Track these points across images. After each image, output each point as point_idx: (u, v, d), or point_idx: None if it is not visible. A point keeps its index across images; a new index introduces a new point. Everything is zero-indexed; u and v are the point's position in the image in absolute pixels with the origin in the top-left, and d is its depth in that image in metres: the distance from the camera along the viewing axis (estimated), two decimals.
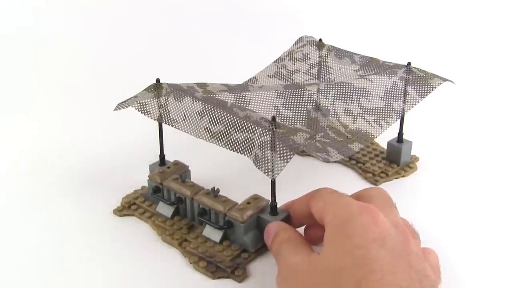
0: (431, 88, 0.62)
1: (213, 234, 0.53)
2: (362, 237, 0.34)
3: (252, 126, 0.49)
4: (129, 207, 0.59)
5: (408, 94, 0.62)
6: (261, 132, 0.48)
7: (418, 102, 0.62)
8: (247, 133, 0.50)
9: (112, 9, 1.11)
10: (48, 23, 1.05)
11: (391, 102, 0.62)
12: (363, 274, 0.32)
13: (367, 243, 0.33)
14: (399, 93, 0.62)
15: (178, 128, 0.55)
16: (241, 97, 0.60)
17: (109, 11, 1.11)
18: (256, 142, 0.49)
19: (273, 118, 0.47)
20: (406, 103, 0.62)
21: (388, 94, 0.62)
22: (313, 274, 0.35)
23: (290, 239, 0.41)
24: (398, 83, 0.62)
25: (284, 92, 0.62)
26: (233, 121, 0.51)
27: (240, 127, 0.50)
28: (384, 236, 0.34)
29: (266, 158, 0.46)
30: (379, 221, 0.35)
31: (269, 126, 0.47)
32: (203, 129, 0.53)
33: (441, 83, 0.62)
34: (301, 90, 0.62)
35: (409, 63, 0.63)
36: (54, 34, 1.04)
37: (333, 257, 0.34)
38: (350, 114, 0.62)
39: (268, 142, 0.47)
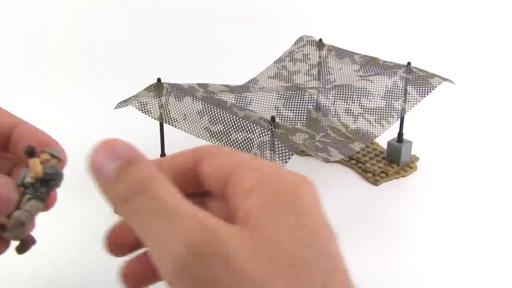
0: (431, 87, 0.62)
1: None
2: (316, 220, 0.24)
3: (252, 126, 0.50)
4: None
5: (409, 94, 0.62)
6: (260, 132, 0.48)
7: (418, 101, 0.62)
8: (246, 133, 0.50)
9: (112, 9, 1.11)
10: (49, 23, 1.05)
11: (392, 101, 0.62)
12: (329, 274, 0.23)
13: (323, 228, 0.24)
14: (400, 92, 0.62)
15: (179, 128, 0.56)
16: (242, 98, 0.60)
17: (110, 11, 1.11)
18: (256, 142, 0.49)
19: (273, 118, 0.47)
20: (407, 102, 0.62)
21: (388, 94, 0.62)
22: (257, 260, 0.21)
23: (167, 179, 0.23)
24: (399, 83, 0.62)
25: (285, 93, 0.62)
26: (232, 121, 0.51)
27: (240, 127, 0.51)
28: (329, 221, 0.25)
29: (265, 158, 0.47)
30: (320, 200, 0.26)
31: (268, 126, 0.48)
32: (203, 128, 0.54)
33: (441, 82, 0.62)
34: (301, 92, 0.62)
35: (409, 63, 0.63)
36: (55, 34, 1.04)
37: (283, 242, 0.22)
38: (351, 114, 0.62)
39: (268, 142, 0.47)
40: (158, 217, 0.21)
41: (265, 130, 0.48)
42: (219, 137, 0.52)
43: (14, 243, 0.29)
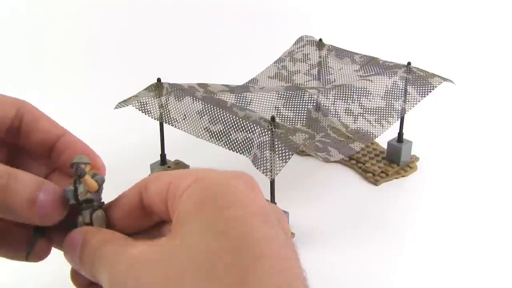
0: (431, 87, 0.62)
1: None
2: (239, 209, 0.23)
3: (252, 126, 0.50)
4: None
5: (409, 94, 0.62)
6: (260, 132, 0.48)
7: (418, 101, 0.62)
8: (246, 133, 0.50)
9: (112, 9, 1.11)
10: (49, 23, 1.05)
11: (392, 101, 0.62)
12: (247, 263, 0.21)
13: (248, 218, 0.22)
14: (400, 92, 0.62)
15: (178, 128, 0.56)
16: (242, 98, 0.60)
17: (110, 11, 1.11)
18: (255, 142, 0.49)
19: (273, 118, 0.47)
20: (407, 102, 0.62)
21: (388, 94, 0.62)
22: (171, 269, 0.22)
23: (110, 238, 0.26)
24: (399, 83, 0.62)
25: (285, 93, 0.62)
26: (232, 121, 0.51)
27: (240, 127, 0.51)
28: (266, 209, 0.24)
29: (265, 158, 0.47)
30: (256, 188, 0.24)
31: (268, 126, 0.48)
32: (203, 128, 0.54)
33: (441, 82, 0.62)
34: (301, 92, 0.62)
35: (409, 63, 0.63)
36: (55, 34, 1.04)
37: (200, 240, 0.22)
38: (351, 113, 0.62)
39: (267, 142, 0.47)
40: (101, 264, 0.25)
41: (265, 130, 0.48)
42: (219, 137, 0.52)
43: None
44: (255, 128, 0.49)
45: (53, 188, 0.26)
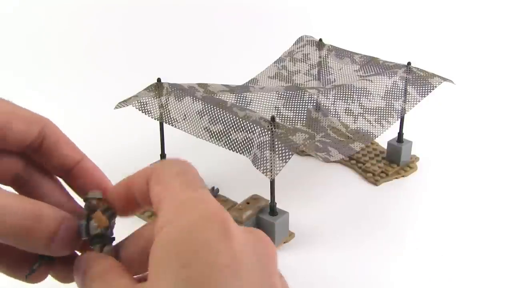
0: (431, 87, 0.62)
1: None
2: (205, 266, 0.22)
3: (252, 126, 0.50)
4: None
5: (409, 94, 0.62)
6: (260, 132, 0.48)
7: (418, 101, 0.62)
8: (246, 133, 0.50)
9: (113, 9, 1.11)
10: (49, 23, 1.05)
11: (392, 101, 0.62)
12: None
13: (213, 274, 0.21)
14: (400, 92, 0.62)
15: (179, 128, 0.56)
16: (242, 98, 0.60)
17: (110, 11, 1.11)
18: (255, 142, 0.49)
19: (273, 118, 0.47)
20: (407, 102, 0.62)
21: (388, 94, 0.62)
22: None
23: (105, 272, 0.27)
24: (399, 83, 0.62)
25: (285, 93, 0.62)
26: (232, 121, 0.51)
27: (240, 126, 0.51)
28: (237, 258, 0.22)
29: (265, 158, 0.46)
30: (231, 231, 0.23)
31: (268, 126, 0.47)
32: (203, 128, 0.54)
33: (441, 82, 0.62)
34: (301, 92, 0.62)
35: (409, 63, 0.63)
36: (55, 34, 1.04)
37: None
38: (351, 113, 0.62)
39: (267, 142, 0.47)
40: None
41: (265, 130, 0.48)
42: (219, 137, 0.52)
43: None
44: (255, 128, 0.49)
45: (71, 226, 0.27)
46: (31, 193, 0.31)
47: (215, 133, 0.52)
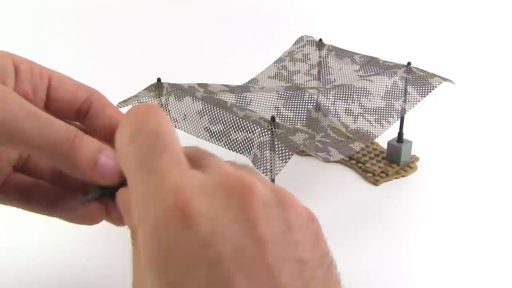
0: (431, 87, 0.62)
1: None
2: (177, 264, 0.20)
3: (252, 126, 0.50)
4: None
5: (409, 94, 0.62)
6: (260, 132, 0.48)
7: (418, 101, 0.62)
8: (246, 133, 0.50)
9: (112, 9, 1.11)
10: (49, 23, 1.05)
11: (392, 101, 0.62)
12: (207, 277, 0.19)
13: (190, 272, 0.20)
14: (400, 92, 0.62)
15: (179, 128, 0.56)
16: (242, 98, 0.60)
17: (110, 11, 1.11)
18: (255, 141, 0.49)
19: (273, 118, 0.47)
20: (407, 102, 0.62)
21: (388, 94, 0.62)
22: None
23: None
24: (399, 83, 0.62)
25: (285, 93, 0.62)
26: (232, 121, 0.51)
27: (240, 126, 0.51)
28: (213, 243, 0.20)
29: (265, 158, 0.47)
30: (192, 221, 0.20)
31: (268, 126, 0.48)
32: (203, 128, 0.54)
33: (441, 82, 0.62)
34: (301, 92, 0.62)
35: (409, 63, 0.63)
36: (55, 34, 1.04)
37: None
38: (351, 113, 0.62)
39: (267, 142, 0.47)
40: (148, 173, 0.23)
41: (265, 130, 0.48)
42: (219, 137, 0.52)
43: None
44: (255, 128, 0.49)
45: (111, 154, 0.29)
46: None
47: (215, 133, 0.52)
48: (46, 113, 0.28)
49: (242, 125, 0.50)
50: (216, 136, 0.52)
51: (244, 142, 0.50)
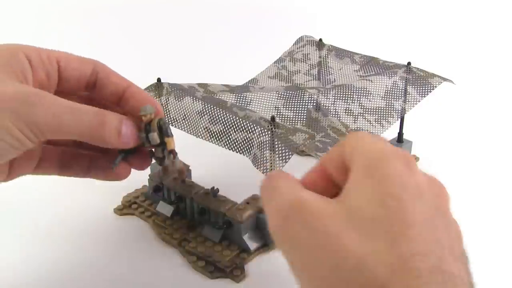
0: (431, 87, 0.62)
1: (212, 233, 0.53)
2: (396, 185, 0.28)
3: (252, 126, 0.49)
4: (129, 206, 0.59)
5: (409, 94, 0.62)
6: (260, 132, 0.48)
7: (418, 101, 0.62)
8: (246, 133, 0.50)
9: (112, 9, 1.11)
10: (48, 22, 1.05)
11: (392, 101, 0.62)
12: (399, 229, 0.26)
13: (402, 193, 0.27)
14: (400, 92, 0.62)
15: (178, 128, 0.56)
16: (242, 97, 0.60)
17: (110, 11, 1.11)
18: (255, 142, 0.49)
19: (273, 118, 0.47)
20: (407, 102, 0.62)
21: (388, 94, 0.62)
22: (336, 221, 0.27)
23: (289, 177, 0.34)
24: (399, 83, 0.62)
25: (285, 93, 0.62)
26: (232, 121, 0.51)
27: (240, 127, 0.51)
28: (421, 187, 0.29)
29: (264, 158, 0.46)
30: (414, 168, 0.29)
31: (268, 126, 0.47)
32: (202, 128, 0.53)
33: (441, 82, 0.62)
34: (301, 92, 0.62)
35: (409, 63, 0.63)
36: (55, 33, 1.04)
37: (361, 205, 0.27)
38: (351, 114, 0.62)
39: (267, 142, 0.47)
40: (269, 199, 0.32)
41: (265, 130, 0.48)
42: (219, 137, 0.52)
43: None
44: (255, 128, 0.49)
45: (130, 122, 0.36)
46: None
47: (215, 133, 0.52)
48: (73, 103, 0.34)
49: (242, 125, 0.50)
50: (216, 136, 0.52)
51: (244, 142, 0.50)
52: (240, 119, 0.51)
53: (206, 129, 0.53)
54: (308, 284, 0.27)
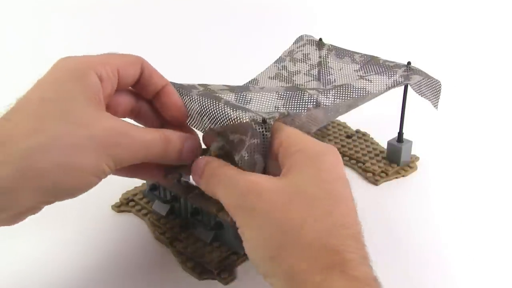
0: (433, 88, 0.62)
1: (203, 234, 0.53)
2: (330, 174, 0.38)
3: (243, 128, 0.49)
4: (127, 203, 0.59)
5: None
6: (251, 134, 0.48)
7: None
8: (239, 134, 0.49)
9: (112, 8, 1.11)
10: (48, 22, 1.05)
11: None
12: (332, 205, 0.36)
13: (334, 180, 0.37)
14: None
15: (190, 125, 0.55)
16: (241, 96, 0.60)
17: (110, 11, 1.11)
18: (247, 143, 0.48)
19: (264, 120, 0.46)
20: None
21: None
22: (284, 195, 0.36)
23: (227, 164, 0.41)
24: (399, 83, 0.62)
25: (285, 94, 0.62)
26: (226, 122, 0.51)
27: (234, 128, 0.50)
28: (344, 176, 0.39)
29: (255, 162, 0.46)
30: (341, 160, 0.40)
31: (259, 129, 0.47)
32: (203, 128, 0.53)
33: (438, 83, 0.62)
34: (301, 92, 0.62)
35: (409, 63, 0.63)
36: (55, 33, 1.04)
37: (304, 185, 0.36)
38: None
39: (259, 145, 0.46)
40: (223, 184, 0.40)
41: (256, 133, 0.47)
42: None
43: None
44: (247, 130, 0.48)
45: (191, 144, 0.44)
46: (145, 119, 0.47)
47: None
48: (142, 129, 0.40)
49: (235, 126, 0.50)
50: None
51: (239, 143, 0.50)
52: (232, 121, 0.50)
53: (206, 129, 0.53)
54: (262, 243, 0.35)
